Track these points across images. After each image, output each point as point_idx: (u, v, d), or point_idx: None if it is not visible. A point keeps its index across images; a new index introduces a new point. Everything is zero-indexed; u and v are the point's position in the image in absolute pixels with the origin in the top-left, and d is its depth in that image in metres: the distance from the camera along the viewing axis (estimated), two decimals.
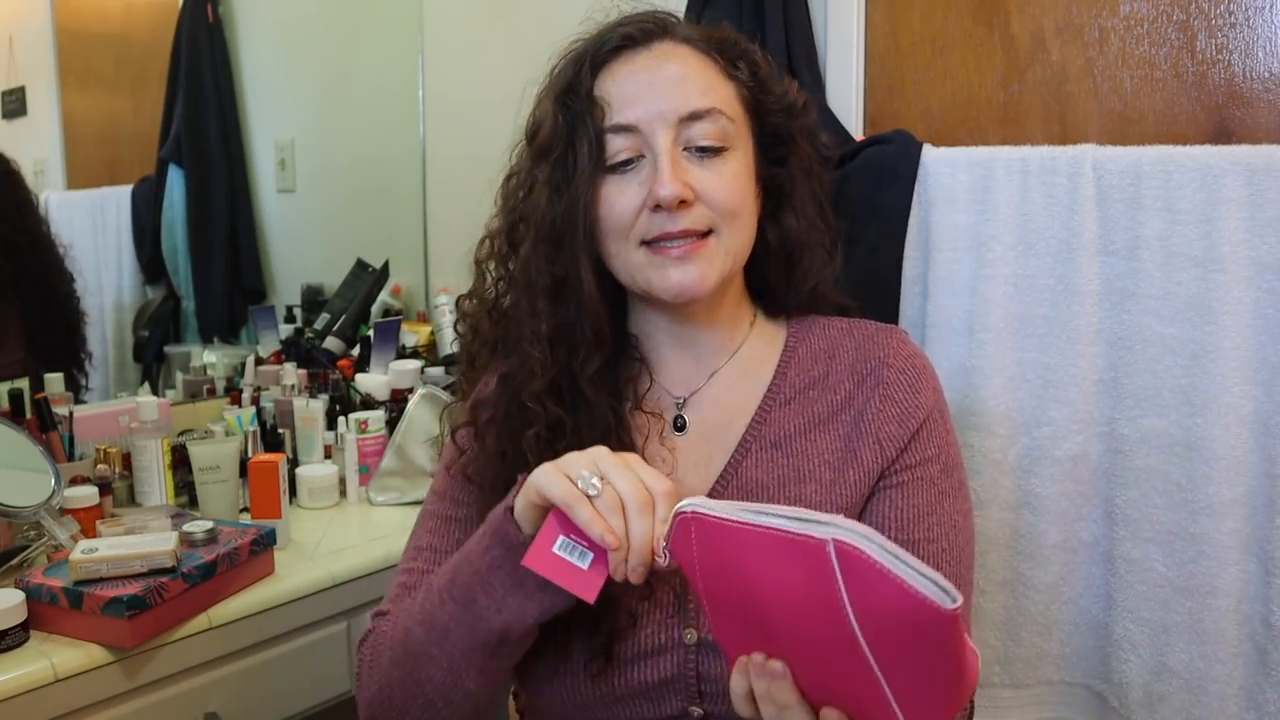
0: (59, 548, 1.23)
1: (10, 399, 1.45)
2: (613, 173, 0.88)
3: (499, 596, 0.79)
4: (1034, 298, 1.28)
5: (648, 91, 0.87)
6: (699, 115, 0.86)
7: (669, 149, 0.85)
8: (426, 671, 0.83)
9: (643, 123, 0.86)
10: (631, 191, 0.87)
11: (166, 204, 1.89)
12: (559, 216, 0.88)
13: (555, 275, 0.89)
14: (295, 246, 2.06)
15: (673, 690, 0.86)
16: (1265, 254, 1.15)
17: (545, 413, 0.88)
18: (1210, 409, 1.17)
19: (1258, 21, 1.22)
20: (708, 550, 0.68)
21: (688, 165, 0.87)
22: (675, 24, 0.93)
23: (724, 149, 0.88)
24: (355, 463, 1.60)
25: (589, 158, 0.86)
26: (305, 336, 1.93)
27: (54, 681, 1.04)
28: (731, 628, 0.71)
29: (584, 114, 0.87)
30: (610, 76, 0.89)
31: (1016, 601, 1.31)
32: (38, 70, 1.73)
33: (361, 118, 2.12)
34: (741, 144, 0.90)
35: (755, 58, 0.94)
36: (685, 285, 0.86)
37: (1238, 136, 1.23)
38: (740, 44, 0.94)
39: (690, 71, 0.88)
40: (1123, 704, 1.25)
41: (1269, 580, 1.15)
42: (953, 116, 1.43)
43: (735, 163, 0.89)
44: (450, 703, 0.83)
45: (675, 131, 0.86)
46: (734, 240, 0.89)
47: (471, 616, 0.80)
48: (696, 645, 0.86)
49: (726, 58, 0.92)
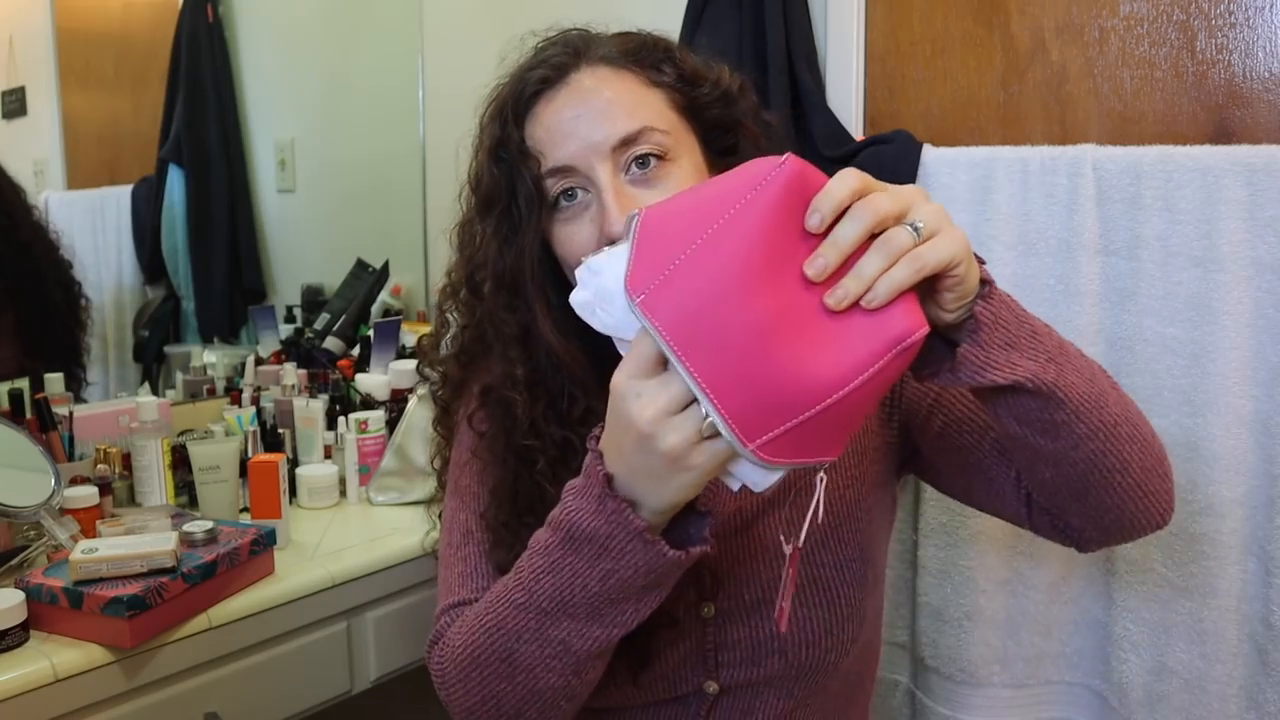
0: (59, 548, 1.23)
1: (10, 399, 1.45)
2: (559, 210, 0.87)
3: (631, 611, 0.75)
4: (1034, 298, 1.28)
5: (575, 127, 0.85)
6: (631, 139, 0.84)
7: (610, 182, 0.83)
8: (544, 680, 0.78)
9: (578, 160, 0.84)
10: (585, 231, 0.85)
11: (166, 204, 1.89)
12: (509, 267, 0.88)
13: (519, 323, 0.89)
14: (295, 246, 2.06)
15: (689, 666, 0.87)
16: (1265, 254, 1.15)
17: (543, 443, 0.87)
18: (1210, 409, 1.17)
19: (1258, 21, 1.22)
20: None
21: (633, 191, 0.84)
22: (587, 44, 0.90)
23: (664, 161, 0.86)
24: (355, 463, 1.60)
25: (531, 207, 0.86)
26: (305, 336, 1.93)
27: (54, 681, 1.04)
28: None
29: (518, 165, 0.87)
30: (536, 121, 0.87)
31: (1016, 601, 1.31)
32: (38, 70, 1.73)
33: (361, 117, 2.12)
34: (684, 149, 0.88)
35: (675, 55, 0.91)
36: None
37: (1238, 136, 1.23)
38: (658, 46, 0.91)
39: (612, 95, 0.86)
40: (1123, 704, 1.26)
41: (1269, 580, 1.15)
42: (953, 116, 1.43)
43: (680, 171, 0.86)
44: (571, 698, 0.80)
45: (612, 161, 0.84)
46: None
47: (599, 628, 0.76)
48: (713, 618, 0.88)
49: (646, 65, 0.89)
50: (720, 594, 0.89)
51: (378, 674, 1.37)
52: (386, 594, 1.36)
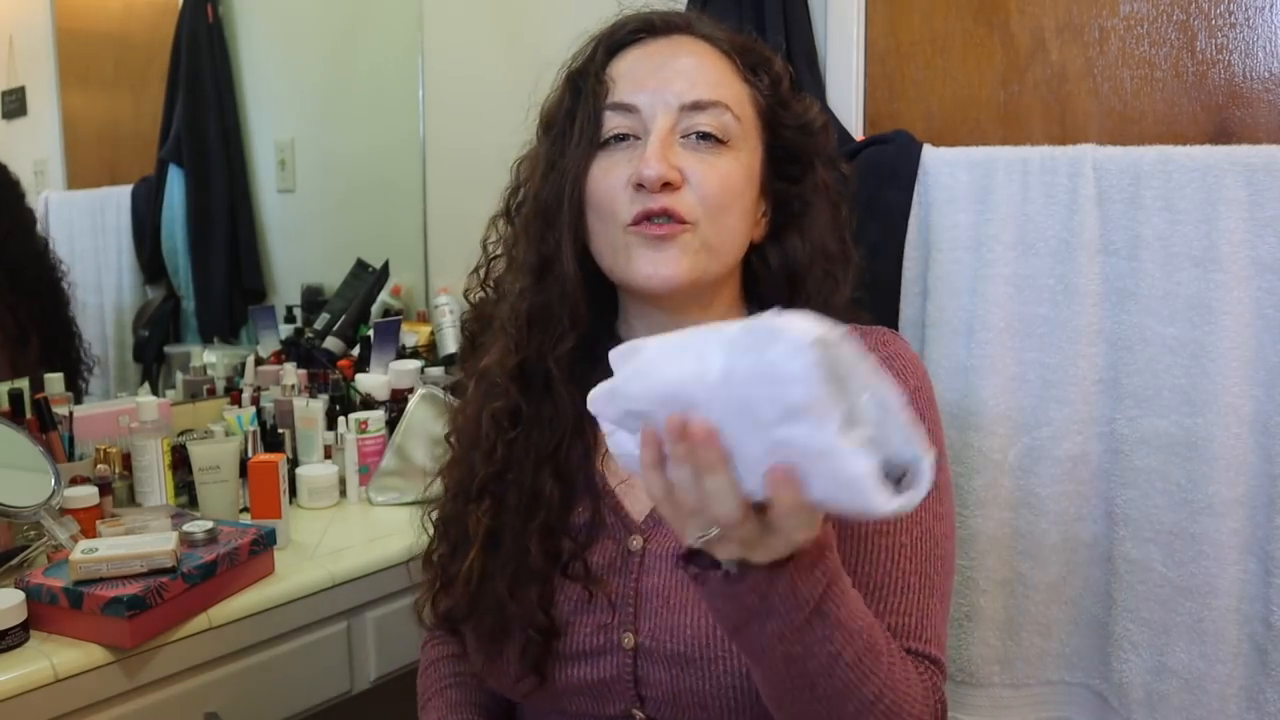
0: (59, 548, 1.23)
1: (10, 399, 1.45)
2: (605, 150, 0.86)
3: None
4: (1034, 298, 1.28)
5: (655, 75, 0.85)
6: (702, 106, 0.84)
7: (664, 131, 0.83)
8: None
9: (644, 104, 0.84)
10: (620, 169, 0.85)
11: (166, 204, 1.89)
12: (549, 193, 0.87)
13: (542, 254, 0.88)
14: (295, 246, 2.06)
15: (613, 692, 0.85)
16: (1265, 254, 1.15)
17: (507, 396, 0.87)
18: (1210, 409, 1.17)
19: (1258, 21, 1.22)
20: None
21: (681, 151, 0.84)
22: (699, 23, 0.91)
23: (724, 143, 0.85)
24: (355, 463, 1.60)
25: (584, 134, 0.86)
26: (305, 336, 1.92)
27: (54, 681, 1.04)
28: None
29: (589, 92, 0.87)
30: (623, 60, 0.88)
31: (1016, 601, 1.31)
32: (38, 70, 1.73)
33: (361, 117, 2.12)
34: (746, 146, 0.88)
35: (777, 69, 0.91)
36: (655, 273, 0.83)
37: (1238, 136, 1.23)
38: (764, 54, 0.91)
39: (704, 64, 0.87)
40: (1123, 704, 1.25)
41: (1269, 580, 1.15)
42: (953, 116, 1.43)
43: (734, 161, 0.86)
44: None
45: (675, 117, 0.84)
46: (715, 237, 0.85)
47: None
48: (634, 650, 0.84)
49: (746, 63, 0.90)
50: (640, 625, 0.84)
51: (378, 674, 1.37)
52: (386, 594, 1.36)
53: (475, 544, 0.88)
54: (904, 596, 0.81)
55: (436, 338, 1.97)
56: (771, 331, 0.52)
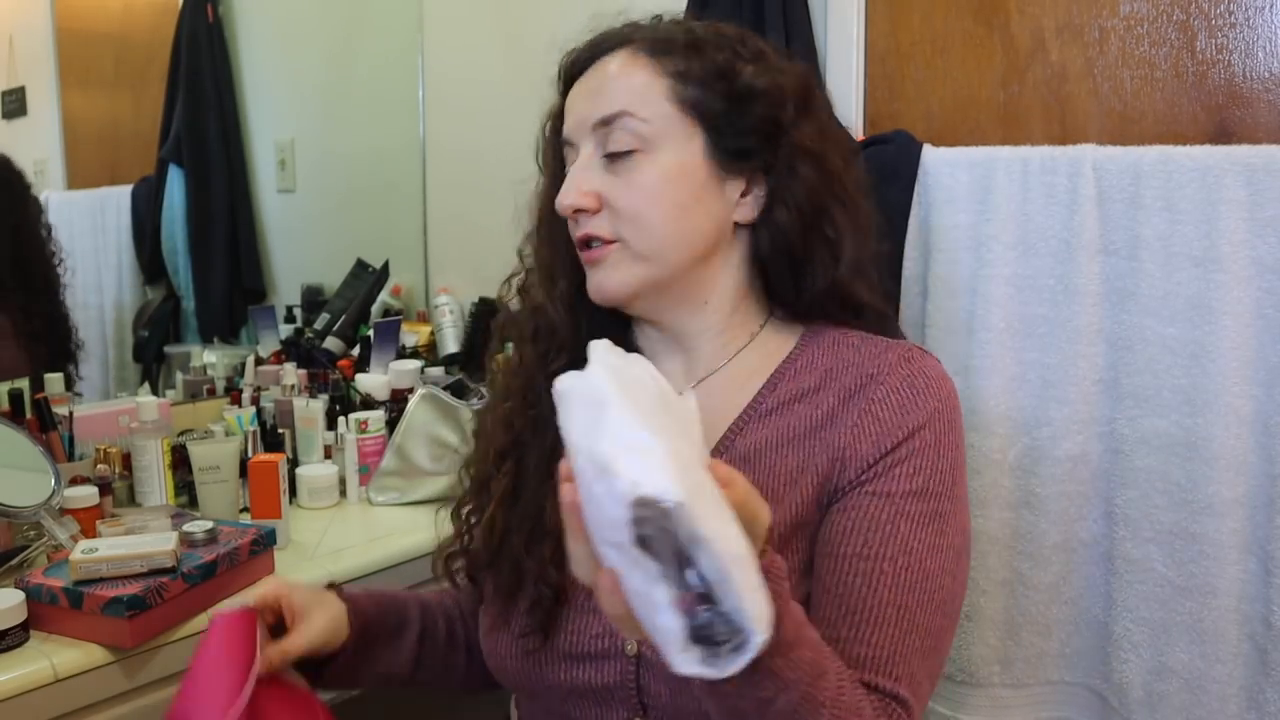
0: (59, 548, 1.23)
1: (10, 399, 1.45)
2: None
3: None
4: (1034, 298, 1.28)
5: (580, 103, 0.89)
6: (607, 120, 0.86)
7: (585, 158, 0.88)
8: None
9: (572, 135, 0.89)
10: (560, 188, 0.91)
11: (166, 204, 1.89)
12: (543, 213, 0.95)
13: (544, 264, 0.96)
14: (295, 246, 2.06)
15: (616, 699, 0.85)
16: (1265, 254, 1.15)
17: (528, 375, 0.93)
18: (1210, 409, 1.17)
19: (1258, 21, 1.22)
20: None
21: (601, 173, 0.87)
22: (638, 31, 0.90)
23: (634, 152, 0.85)
24: (355, 463, 1.60)
25: (550, 168, 0.94)
26: (305, 336, 1.92)
27: (54, 681, 1.04)
28: None
29: (551, 129, 0.95)
30: (574, 89, 0.92)
31: (1016, 601, 1.31)
32: (38, 70, 1.73)
33: (361, 117, 2.12)
34: (670, 142, 0.85)
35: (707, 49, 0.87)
36: (599, 290, 0.88)
37: (1238, 136, 1.23)
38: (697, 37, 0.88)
39: (618, 76, 0.87)
40: (1123, 704, 1.26)
41: (1269, 580, 1.15)
42: (953, 116, 1.43)
43: (651, 164, 0.85)
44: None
45: (593, 139, 0.88)
46: (645, 244, 0.86)
47: None
48: (636, 657, 0.83)
49: (663, 54, 0.87)
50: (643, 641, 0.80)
51: None
52: None
53: (495, 499, 0.93)
54: (876, 628, 0.77)
55: (436, 338, 1.97)
56: (603, 467, 0.52)
